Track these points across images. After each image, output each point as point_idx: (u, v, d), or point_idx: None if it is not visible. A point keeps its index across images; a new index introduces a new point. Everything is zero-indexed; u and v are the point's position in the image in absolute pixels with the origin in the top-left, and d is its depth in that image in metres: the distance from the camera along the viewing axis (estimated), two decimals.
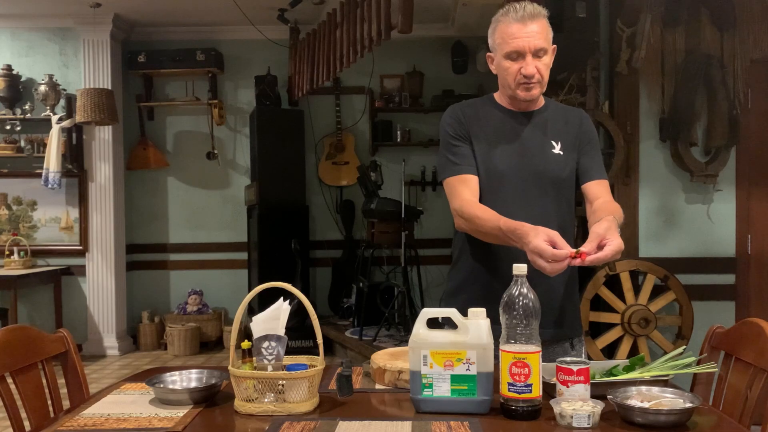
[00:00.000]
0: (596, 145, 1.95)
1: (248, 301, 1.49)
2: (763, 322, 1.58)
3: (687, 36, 3.78)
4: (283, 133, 5.69)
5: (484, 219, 1.75)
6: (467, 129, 1.87)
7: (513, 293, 1.41)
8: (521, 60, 1.77)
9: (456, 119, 1.89)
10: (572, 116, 1.94)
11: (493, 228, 1.72)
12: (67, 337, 1.80)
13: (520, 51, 1.76)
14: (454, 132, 1.88)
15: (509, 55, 1.78)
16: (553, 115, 1.91)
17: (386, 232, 4.85)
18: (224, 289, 6.10)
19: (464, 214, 1.81)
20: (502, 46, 1.79)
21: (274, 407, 1.43)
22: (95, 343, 5.69)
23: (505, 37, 1.77)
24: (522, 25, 1.75)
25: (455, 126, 1.89)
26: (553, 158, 1.86)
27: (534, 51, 1.76)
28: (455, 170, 1.86)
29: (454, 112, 1.91)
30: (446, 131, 1.90)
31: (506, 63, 1.79)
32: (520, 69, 1.77)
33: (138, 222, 6.14)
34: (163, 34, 6.00)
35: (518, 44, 1.75)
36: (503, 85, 1.87)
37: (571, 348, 1.91)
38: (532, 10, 1.76)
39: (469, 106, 1.93)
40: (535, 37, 1.75)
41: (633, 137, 3.80)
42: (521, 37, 1.75)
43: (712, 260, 3.85)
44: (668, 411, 1.32)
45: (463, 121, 1.88)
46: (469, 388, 1.40)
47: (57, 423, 1.40)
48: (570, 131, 1.91)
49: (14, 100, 5.65)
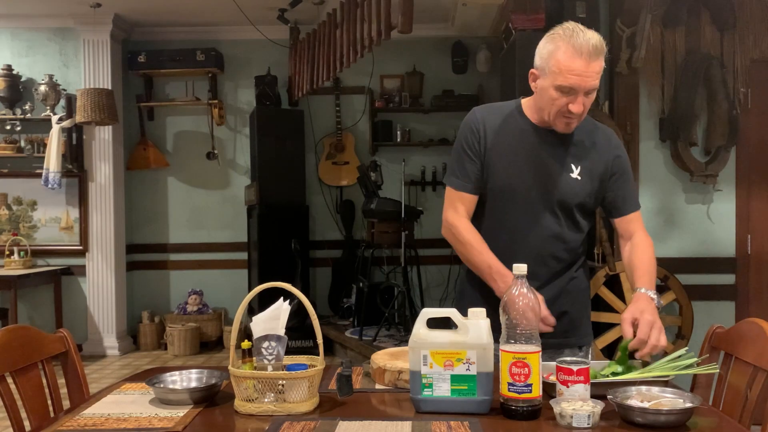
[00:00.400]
0: (629, 175, 1.87)
1: (248, 301, 1.49)
2: (763, 322, 1.58)
3: (687, 36, 3.78)
4: (283, 133, 5.69)
5: (476, 250, 1.80)
6: (483, 140, 1.82)
7: (513, 293, 1.41)
8: (572, 95, 1.68)
9: (474, 130, 1.83)
10: (601, 139, 1.85)
11: (482, 263, 1.78)
12: (67, 337, 1.80)
13: (576, 89, 1.67)
14: (467, 143, 1.84)
15: (561, 88, 1.68)
16: (579, 135, 1.82)
17: (386, 232, 4.85)
18: (224, 289, 6.10)
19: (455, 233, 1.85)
20: (556, 76, 1.67)
21: (274, 407, 1.43)
22: (95, 343, 5.69)
23: (563, 70, 1.66)
24: (585, 63, 1.64)
25: (470, 138, 1.83)
26: (569, 182, 1.80)
27: (588, 90, 1.69)
28: (455, 183, 1.86)
29: (474, 121, 1.84)
30: (461, 139, 1.86)
31: (555, 93, 1.69)
32: (568, 104, 1.69)
33: (138, 222, 6.14)
34: (163, 34, 6.00)
35: (576, 82, 1.66)
36: (541, 107, 1.77)
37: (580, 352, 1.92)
38: (597, 45, 1.65)
39: (493, 113, 1.86)
40: (593, 78, 1.67)
41: (633, 137, 3.80)
42: (582, 75, 1.65)
43: (712, 260, 3.85)
44: (668, 411, 1.32)
45: (481, 133, 1.82)
46: (469, 388, 1.40)
47: (57, 423, 1.40)
48: (595, 157, 1.83)
49: (14, 100, 5.65)
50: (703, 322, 3.59)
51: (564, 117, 1.73)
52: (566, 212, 1.82)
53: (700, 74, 3.71)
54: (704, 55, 3.74)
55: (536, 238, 1.80)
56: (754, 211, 3.85)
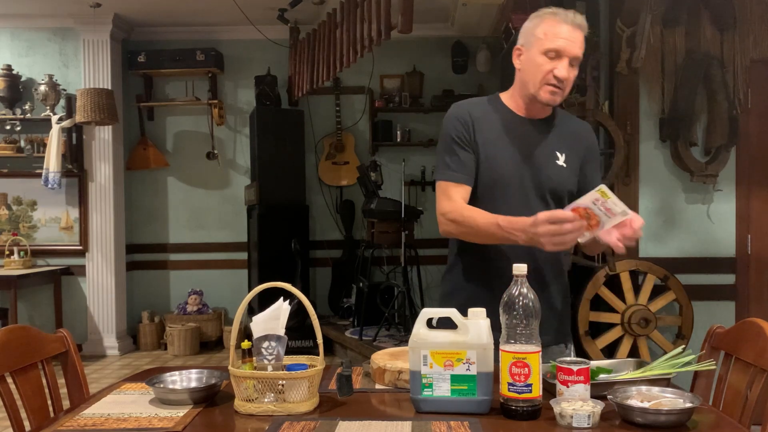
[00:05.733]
0: (598, 159, 1.95)
1: (248, 301, 1.49)
2: (763, 322, 1.58)
3: (687, 36, 3.78)
4: (283, 133, 5.69)
5: (480, 218, 1.73)
6: (472, 132, 1.81)
7: (513, 293, 1.41)
8: (558, 61, 1.73)
9: (461, 121, 1.82)
10: (580, 129, 1.91)
11: (490, 225, 1.69)
12: (67, 337, 1.80)
13: (562, 51, 1.72)
14: (458, 135, 1.81)
15: (549, 51, 1.72)
16: (561, 125, 1.87)
17: (386, 232, 4.85)
18: (224, 289, 6.10)
19: (456, 216, 1.77)
20: (543, 42, 1.73)
21: (274, 407, 1.43)
22: (95, 343, 5.69)
23: (550, 35, 1.72)
24: (571, 29, 1.73)
25: (459, 128, 1.81)
26: (558, 170, 1.83)
27: (572, 57, 1.74)
28: (450, 176, 1.81)
29: (461, 113, 1.84)
30: (448, 132, 1.83)
31: (541, 59, 1.73)
32: (554, 69, 1.73)
33: (138, 222, 6.14)
34: (163, 34, 6.00)
35: (563, 45, 1.72)
36: (527, 82, 1.79)
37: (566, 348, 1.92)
38: (581, 20, 1.75)
39: (476, 107, 1.86)
40: (578, 45, 1.74)
41: (633, 137, 3.80)
42: (568, 39, 1.72)
43: (712, 260, 3.85)
44: (668, 411, 1.32)
45: (469, 123, 1.81)
46: (469, 388, 1.40)
47: (57, 423, 1.40)
48: (576, 145, 1.88)
49: (14, 100, 5.65)
50: (703, 322, 3.59)
51: (549, 85, 1.75)
52: (557, 200, 1.83)
53: (700, 74, 3.71)
54: (704, 55, 3.74)
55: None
56: (754, 211, 3.85)
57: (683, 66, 3.76)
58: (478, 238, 1.76)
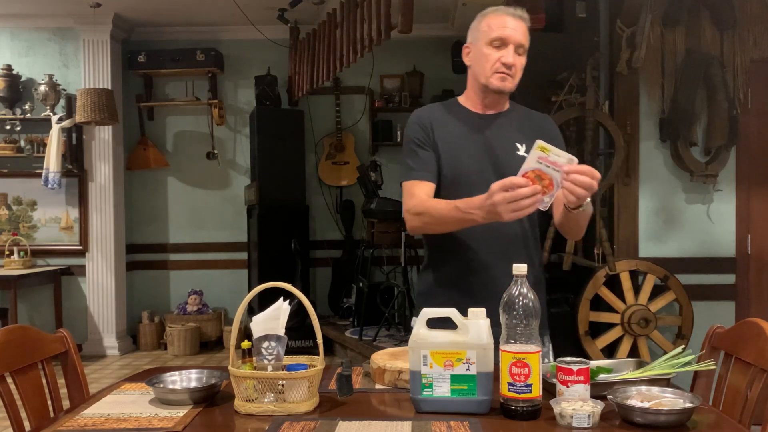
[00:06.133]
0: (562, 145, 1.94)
1: (248, 301, 1.49)
2: (763, 322, 1.58)
3: (687, 36, 3.78)
4: (283, 133, 5.69)
5: (440, 206, 1.78)
6: (431, 133, 1.88)
7: (513, 293, 1.41)
8: (503, 49, 1.81)
9: (419, 124, 1.90)
10: (538, 118, 1.97)
11: (450, 209, 1.74)
12: (67, 337, 1.80)
13: (506, 39, 1.81)
14: (416, 137, 1.89)
15: (493, 41, 1.81)
16: (518, 117, 1.94)
17: (386, 232, 4.85)
18: (224, 289, 6.10)
19: (419, 208, 1.82)
20: (487, 33, 1.83)
21: (274, 407, 1.43)
22: (95, 343, 5.69)
23: (493, 26, 1.82)
24: (512, 19, 1.83)
25: (418, 131, 1.89)
26: (518, 160, 1.81)
27: (516, 45, 1.82)
28: (412, 175, 1.87)
29: (418, 117, 1.93)
30: (408, 136, 1.92)
31: (487, 50, 1.83)
32: (501, 57, 1.81)
33: (138, 222, 6.15)
34: (163, 34, 6.00)
35: (505, 32, 1.81)
36: (478, 75, 1.87)
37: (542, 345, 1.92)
38: (521, 12, 1.86)
39: (434, 110, 1.95)
40: (520, 33, 1.83)
41: (633, 137, 3.79)
42: (509, 27, 1.81)
43: (712, 260, 3.85)
44: (668, 411, 1.32)
45: (428, 125, 1.89)
46: (469, 388, 1.40)
47: (57, 423, 1.40)
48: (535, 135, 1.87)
49: (14, 100, 5.65)
50: (703, 322, 3.59)
51: (498, 72, 1.82)
52: None
53: (700, 74, 3.71)
54: (704, 55, 3.74)
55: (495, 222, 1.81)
56: (754, 211, 3.85)
57: (683, 66, 3.76)
58: (441, 226, 1.80)
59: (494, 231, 1.82)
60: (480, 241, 1.83)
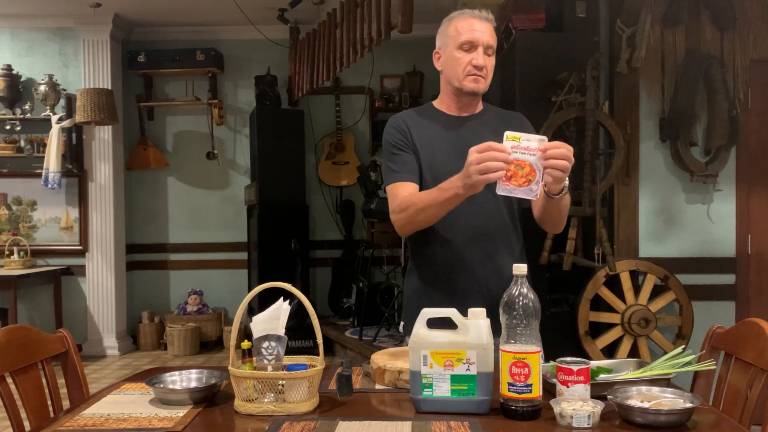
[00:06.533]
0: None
1: (248, 301, 1.49)
2: (763, 322, 1.58)
3: (687, 36, 3.78)
4: (283, 133, 5.69)
5: (421, 195, 1.81)
6: (410, 136, 1.92)
7: (513, 293, 1.41)
8: (473, 52, 1.84)
9: (397, 128, 1.94)
10: (511, 116, 2.00)
11: (432, 193, 1.77)
12: (67, 337, 1.80)
13: (474, 42, 1.84)
14: (394, 141, 1.92)
15: (463, 45, 1.85)
16: (492, 117, 1.97)
17: (386, 232, 4.85)
18: (224, 289, 6.10)
19: (402, 205, 1.84)
20: (456, 38, 1.86)
21: (274, 407, 1.43)
22: (95, 343, 5.69)
23: (460, 29, 1.85)
24: (479, 21, 1.86)
25: (396, 135, 1.93)
26: None
27: (485, 46, 1.85)
28: (394, 177, 1.90)
29: (395, 122, 1.97)
30: (387, 141, 1.95)
31: (458, 54, 1.86)
32: (471, 60, 1.84)
33: (138, 222, 6.15)
34: (163, 34, 6.01)
35: (473, 36, 1.84)
36: (450, 79, 1.90)
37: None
38: (487, 14, 1.89)
39: (410, 115, 1.99)
40: (488, 35, 1.86)
41: (633, 137, 3.79)
42: (477, 30, 1.84)
43: (712, 260, 3.85)
44: (668, 411, 1.32)
45: (405, 129, 1.93)
46: (469, 388, 1.40)
47: (57, 423, 1.40)
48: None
49: (14, 100, 5.65)
50: (703, 322, 3.59)
51: (471, 75, 1.86)
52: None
53: (700, 74, 3.71)
54: (704, 55, 3.74)
55: (475, 217, 1.85)
56: (754, 211, 3.85)
57: (683, 66, 3.76)
58: (425, 213, 1.80)
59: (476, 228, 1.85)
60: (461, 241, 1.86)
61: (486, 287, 1.85)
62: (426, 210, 1.79)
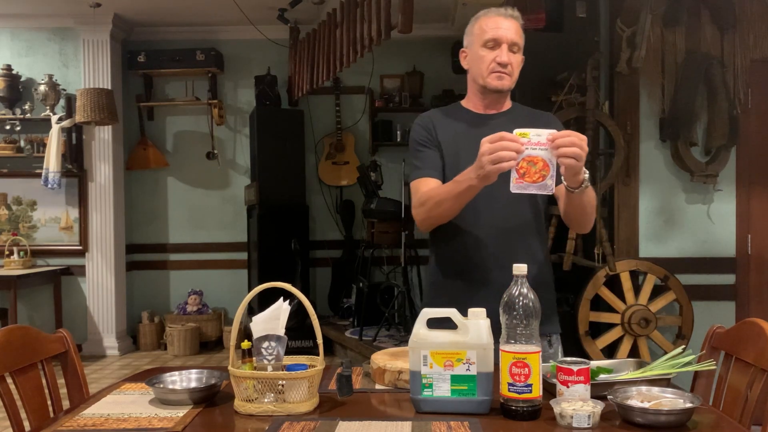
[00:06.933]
0: None
1: (248, 301, 1.49)
2: (763, 322, 1.58)
3: (687, 36, 3.78)
4: (283, 133, 5.69)
5: (439, 189, 1.82)
6: (435, 135, 1.92)
7: (513, 293, 1.41)
8: (497, 49, 1.84)
9: (423, 126, 1.95)
10: (542, 116, 1.98)
11: (448, 186, 1.78)
12: (67, 337, 1.80)
13: (498, 39, 1.84)
14: (419, 138, 1.94)
15: (487, 42, 1.85)
16: (519, 115, 1.95)
17: (386, 232, 4.85)
18: (224, 289, 6.10)
19: (421, 200, 1.85)
20: (480, 36, 1.87)
21: (274, 407, 1.43)
22: (95, 343, 5.69)
23: (485, 27, 1.86)
24: (503, 18, 1.86)
25: (421, 132, 1.94)
26: None
27: (510, 43, 1.84)
28: (417, 174, 1.91)
29: (422, 120, 1.98)
30: (412, 138, 1.97)
31: (482, 52, 1.86)
32: (495, 57, 1.84)
33: (138, 222, 6.14)
34: (163, 34, 6.00)
35: (498, 33, 1.84)
36: (475, 77, 1.91)
37: (549, 346, 1.93)
38: (512, 12, 1.89)
39: (437, 113, 2.00)
40: (512, 31, 1.85)
41: (633, 137, 3.79)
42: (501, 27, 1.84)
43: (712, 260, 3.85)
44: (668, 411, 1.32)
45: (430, 127, 1.94)
46: (469, 388, 1.40)
47: (57, 423, 1.40)
48: None
49: (14, 100, 5.65)
50: (703, 322, 3.59)
51: (494, 72, 1.86)
52: None
53: (701, 74, 3.71)
54: (704, 55, 3.74)
55: (496, 215, 1.85)
56: (754, 211, 3.85)
57: (683, 66, 3.76)
58: (443, 207, 1.80)
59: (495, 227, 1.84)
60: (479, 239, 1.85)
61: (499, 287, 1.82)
62: (442, 203, 1.79)
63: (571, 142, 1.54)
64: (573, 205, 1.78)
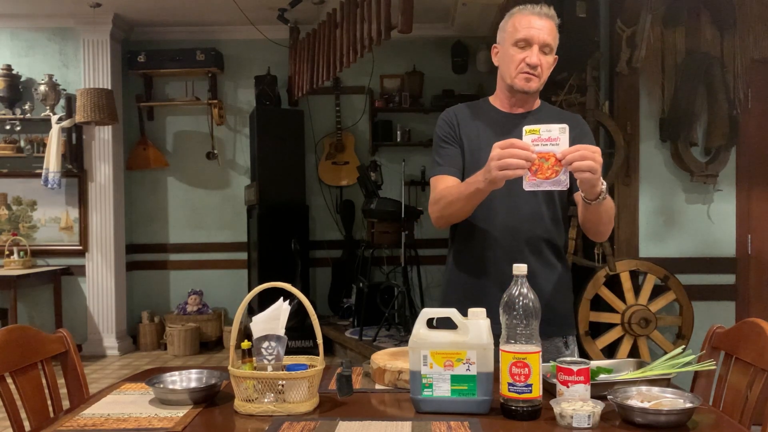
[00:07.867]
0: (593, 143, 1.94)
1: (248, 301, 1.49)
2: (763, 322, 1.58)
3: (687, 36, 3.78)
4: (283, 133, 5.69)
5: (452, 188, 1.81)
6: (458, 131, 1.91)
7: (513, 293, 1.41)
8: (528, 49, 1.80)
9: (447, 122, 1.94)
10: (569, 117, 1.93)
11: (460, 186, 1.78)
12: (67, 337, 1.80)
13: (530, 40, 1.79)
14: (443, 133, 1.92)
15: (518, 42, 1.81)
16: (547, 116, 1.91)
17: (386, 232, 4.85)
18: (224, 289, 6.10)
19: (435, 197, 1.85)
20: (512, 34, 1.82)
21: (274, 407, 1.43)
22: (95, 343, 5.69)
23: (518, 26, 1.81)
24: (537, 18, 1.81)
25: (445, 128, 1.93)
26: None
27: (542, 44, 1.80)
28: (438, 170, 1.90)
29: (447, 115, 1.96)
30: (437, 133, 1.95)
31: (513, 50, 1.82)
32: (525, 58, 1.80)
33: (138, 222, 6.14)
34: (163, 34, 6.00)
35: (529, 33, 1.79)
36: (504, 75, 1.88)
37: (565, 347, 1.92)
38: (548, 10, 1.84)
39: (463, 108, 1.97)
40: (545, 32, 1.80)
41: (633, 137, 3.80)
42: (534, 27, 1.80)
43: (712, 260, 3.85)
44: (668, 411, 1.32)
45: (455, 123, 1.92)
46: (469, 388, 1.40)
47: (57, 423, 1.40)
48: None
49: (14, 100, 5.65)
50: (703, 322, 3.59)
51: (523, 73, 1.82)
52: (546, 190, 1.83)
53: (701, 74, 3.71)
54: (704, 55, 3.74)
55: (510, 217, 1.84)
56: (754, 211, 3.85)
57: (683, 66, 3.76)
58: (454, 207, 1.80)
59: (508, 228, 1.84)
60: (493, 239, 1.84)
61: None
62: (453, 204, 1.79)
63: (582, 156, 1.52)
64: (590, 215, 1.76)
